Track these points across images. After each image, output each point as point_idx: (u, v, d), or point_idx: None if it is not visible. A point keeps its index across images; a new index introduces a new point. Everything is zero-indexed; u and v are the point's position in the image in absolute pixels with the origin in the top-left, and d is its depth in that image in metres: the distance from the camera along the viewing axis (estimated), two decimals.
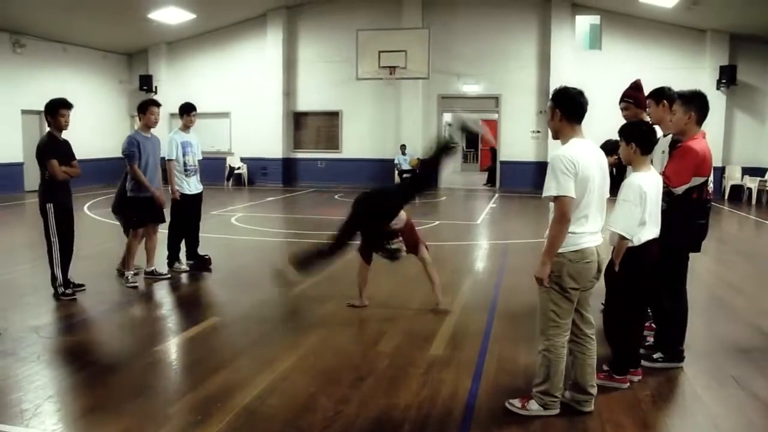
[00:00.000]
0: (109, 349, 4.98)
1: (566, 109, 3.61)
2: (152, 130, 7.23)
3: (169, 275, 7.30)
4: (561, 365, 3.68)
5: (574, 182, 3.46)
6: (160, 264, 7.53)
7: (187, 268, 7.79)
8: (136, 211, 7.08)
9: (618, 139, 4.24)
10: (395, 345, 5.06)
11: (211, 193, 14.87)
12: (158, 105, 7.17)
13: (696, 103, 4.40)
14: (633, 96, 5.09)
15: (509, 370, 4.52)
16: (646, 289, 4.18)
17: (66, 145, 6.50)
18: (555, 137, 3.72)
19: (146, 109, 7.06)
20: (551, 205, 3.56)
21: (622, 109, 5.16)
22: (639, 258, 4.01)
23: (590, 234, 3.60)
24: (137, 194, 7.01)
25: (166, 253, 7.80)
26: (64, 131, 6.44)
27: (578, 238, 3.55)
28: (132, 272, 6.96)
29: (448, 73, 19.44)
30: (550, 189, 3.50)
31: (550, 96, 3.70)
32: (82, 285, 6.72)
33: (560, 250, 3.55)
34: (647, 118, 4.91)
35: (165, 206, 7.13)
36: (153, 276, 7.20)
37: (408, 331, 5.44)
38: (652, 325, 4.95)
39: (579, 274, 3.59)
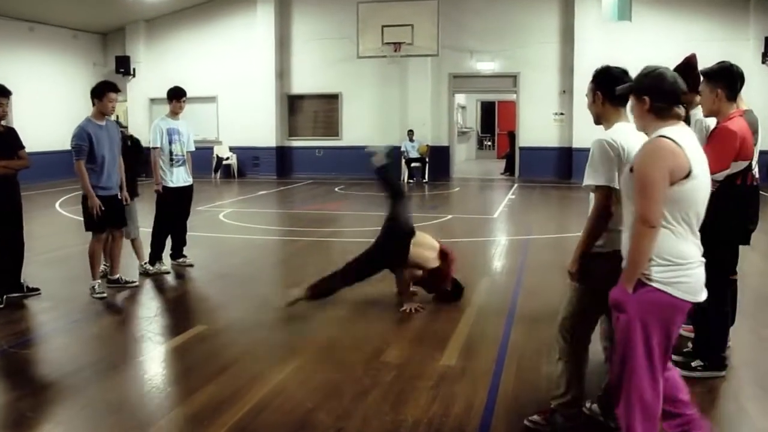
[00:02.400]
0: (83, 362, 4.99)
1: (610, 91, 3.58)
2: (118, 117, 7.08)
3: (136, 283, 7.21)
4: (584, 370, 3.72)
5: (618, 171, 3.41)
6: (127, 271, 7.45)
7: (169, 270, 7.80)
8: (95, 212, 6.70)
9: None
10: (402, 355, 5.06)
11: (197, 187, 14.69)
12: (116, 90, 6.85)
13: (722, 78, 4.37)
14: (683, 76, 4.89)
15: (530, 381, 4.51)
16: None
17: (8, 135, 6.45)
18: (597, 122, 3.68)
19: (102, 94, 6.71)
20: (592, 195, 3.52)
21: None
22: None
23: None
24: (96, 192, 6.69)
25: (148, 251, 7.82)
26: (3, 121, 6.38)
27: None
28: (98, 281, 6.82)
29: (460, 50, 19.39)
30: (590, 177, 3.45)
31: (591, 78, 3.67)
32: (37, 289, 6.76)
33: (612, 248, 3.49)
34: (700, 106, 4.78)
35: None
36: (119, 284, 7.12)
37: (416, 340, 5.44)
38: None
39: None
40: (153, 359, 5.09)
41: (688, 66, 4.92)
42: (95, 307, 6.48)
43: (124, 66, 21.09)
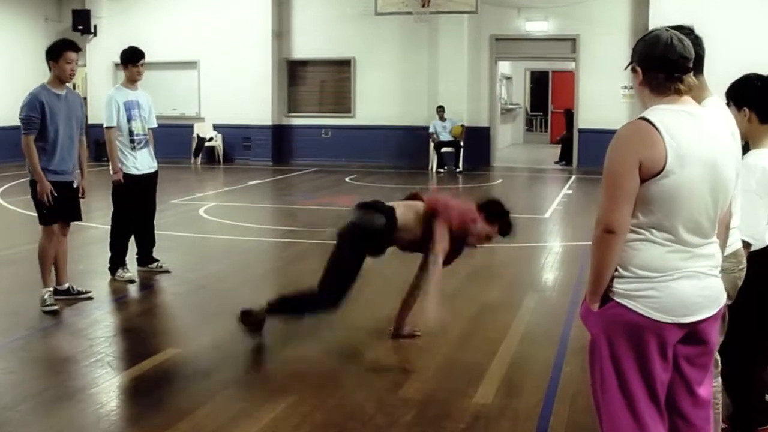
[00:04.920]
0: (24, 392, 5.00)
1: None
2: (71, 84, 6.99)
3: (91, 294, 7.17)
4: None
5: None
6: (81, 279, 7.46)
7: (135, 278, 7.81)
8: (46, 201, 6.64)
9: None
10: (425, 389, 5.04)
11: (172, 174, 14.92)
12: (76, 49, 6.84)
13: None
14: None
15: (586, 427, 4.45)
16: None
17: None
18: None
19: (59, 54, 6.68)
20: None
21: None
22: (763, 268, 3.89)
23: (735, 229, 3.54)
24: (47, 177, 6.65)
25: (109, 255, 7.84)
26: None
27: (729, 237, 3.46)
28: (49, 290, 6.79)
29: (505, 6, 19.33)
30: None
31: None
32: None
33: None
34: None
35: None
36: (70, 295, 7.06)
37: (444, 370, 5.43)
38: None
39: (735, 288, 3.55)
40: (111, 390, 5.08)
41: None
42: (43, 323, 6.50)
43: (82, 22, 21.12)
